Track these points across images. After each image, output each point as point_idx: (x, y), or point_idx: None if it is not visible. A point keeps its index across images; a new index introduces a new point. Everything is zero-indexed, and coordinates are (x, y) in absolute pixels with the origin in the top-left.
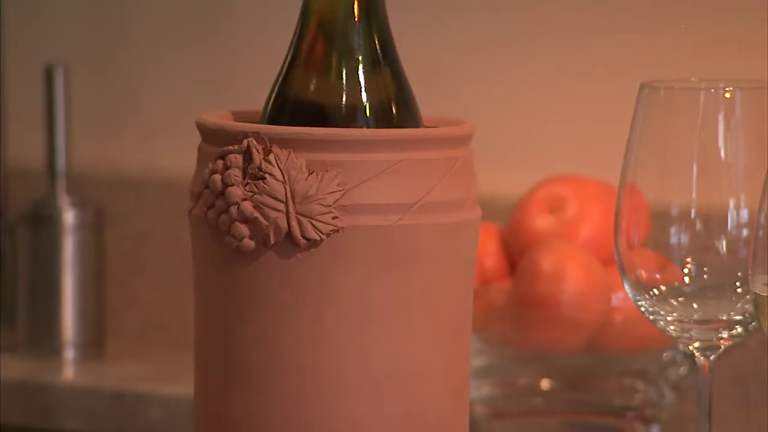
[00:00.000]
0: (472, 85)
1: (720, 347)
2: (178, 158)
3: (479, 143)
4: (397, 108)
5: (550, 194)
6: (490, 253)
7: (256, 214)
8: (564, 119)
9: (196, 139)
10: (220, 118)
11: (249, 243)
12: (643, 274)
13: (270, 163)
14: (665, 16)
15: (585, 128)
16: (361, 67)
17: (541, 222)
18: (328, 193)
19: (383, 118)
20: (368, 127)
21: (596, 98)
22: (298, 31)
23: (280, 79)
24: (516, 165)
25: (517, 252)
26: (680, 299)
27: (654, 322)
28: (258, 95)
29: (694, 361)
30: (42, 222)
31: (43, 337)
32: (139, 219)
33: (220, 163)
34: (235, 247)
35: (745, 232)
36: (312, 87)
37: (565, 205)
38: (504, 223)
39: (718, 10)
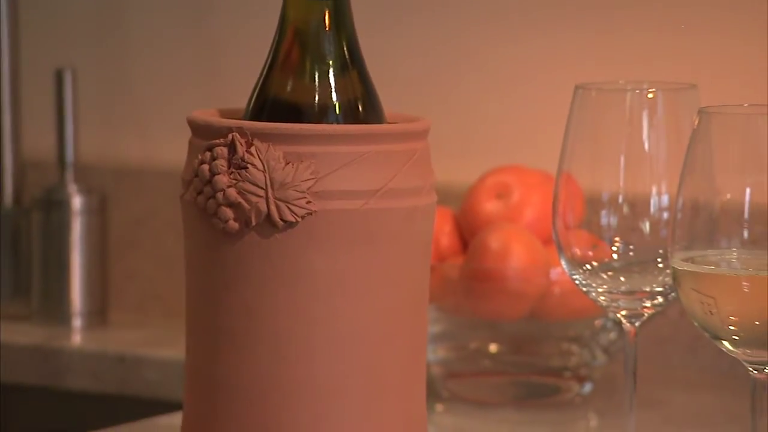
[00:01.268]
0: (429, 85)
1: (644, 315)
2: (173, 150)
3: (435, 137)
4: (363, 106)
5: (497, 182)
6: (445, 234)
7: (240, 199)
8: (509, 116)
9: (188, 133)
10: (207, 115)
11: (233, 225)
12: (578, 251)
13: (252, 154)
14: (599, 23)
15: (527, 124)
16: (331, 70)
17: (490, 206)
18: (302, 181)
19: (351, 115)
20: (338, 123)
21: (537, 98)
22: (276, 39)
23: (261, 81)
24: (467, 156)
25: (468, 232)
26: (609, 273)
27: (587, 293)
28: (242, 94)
29: (621, 327)
30: (53, 207)
31: (54, 307)
32: (138, 204)
33: (207, 154)
34: (221, 228)
35: (665, 215)
36: (288, 87)
37: (510, 192)
38: (457, 207)
39: (648, 18)
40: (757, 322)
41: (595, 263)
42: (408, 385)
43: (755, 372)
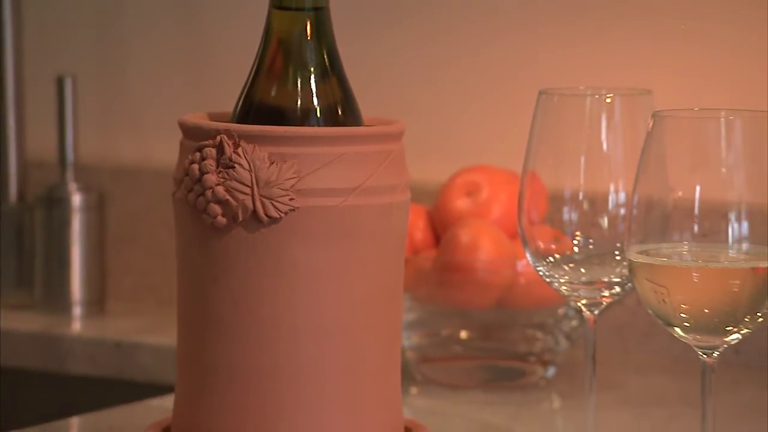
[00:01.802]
0: (404, 91)
1: (602, 304)
2: (166, 151)
3: (410, 139)
4: (342, 110)
5: (467, 181)
6: (419, 228)
7: (227, 196)
8: (478, 119)
9: (180, 135)
10: (197, 118)
11: (221, 220)
12: (541, 245)
13: (238, 155)
14: (561, 34)
15: (495, 127)
16: (312, 76)
17: (460, 203)
18: (286, 179)
19: (331, 118)
20: (319, 126)
21: (504, 102)
22: (261, 48)
23: (247, 86)
24: (439, 157)
25: (440, 227)
26: (571, 265)
27: (550, 283)
28: (230, 98)
29: (582, 315)
30: (54, 204)
31: (55, 297)
32: (134, 201)
33: (197, 155)
34: (210, 223)
35: (622, 211)
36: (273, 93)
37: (479, 190)
38: (430, 204)
39: (606, 28)
40: (706, 310)
41: (557, 256)
42: (384, 369)
43: (705, 356)
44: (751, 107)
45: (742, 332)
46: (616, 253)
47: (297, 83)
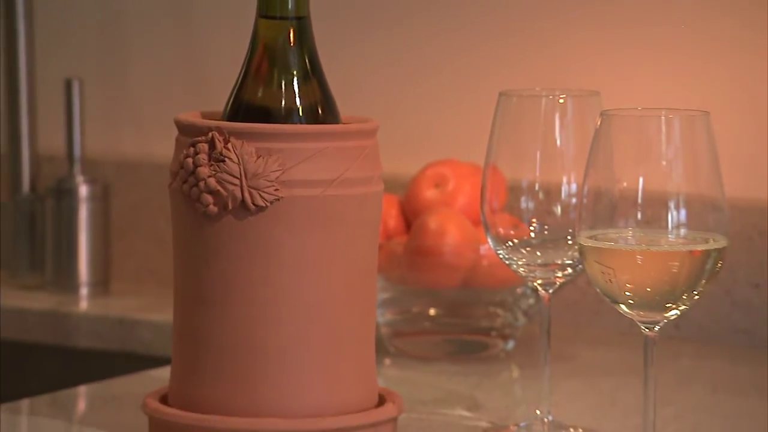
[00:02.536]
0: (378, 92)
1: (556, 283)
2: (164, 147)
3: (383, 136)
4: (322, 109)
5: (435, 173)
6: (392, 216)
7: (218, 187)
8: (445, 118)
9: (176, 132)
10: (191, 116)
11: (213, 209)
12: (501, 231)
13: (228, 149)
14: (519, 41)
15: (460, 124)
16: (295, 79)
17: (429, 194)
18: (271, 172)
19: (312, 117)
20: (301, 124)
21: (468, 103)
22: (249, 53)
23: (236, 88)
24: (410, 152)
25: (411, 215)
26: (528, 249)
27: (509, 265)
28: (221, 98)
29: (538, 294)
30: (63, 194)
31: (64, 278)
32: (135, 192)
33: (191, 149)
34: (203, 211)
35: (574, 200)
36: (259, 94)
37: (446, 182)
38: (402, 194)
39: (558, 36)
40: (648, 289)
41: (516, 240)
42: (360, 343)
43: (647, 330)
44: (688, 107)
45: (680, 308)
46: (569, 238)
47: (281, 85)
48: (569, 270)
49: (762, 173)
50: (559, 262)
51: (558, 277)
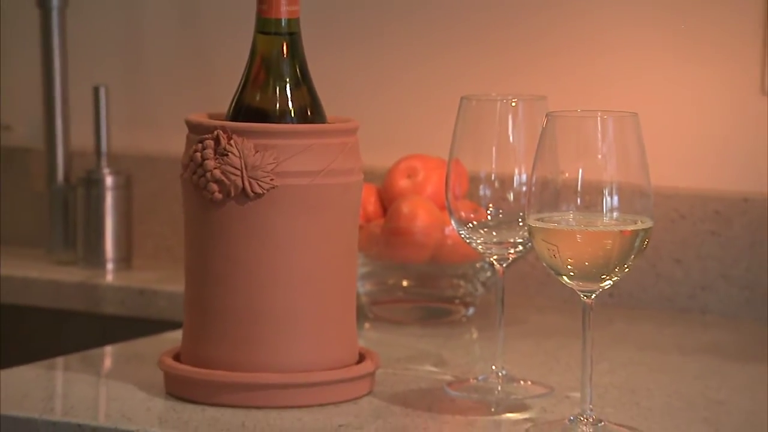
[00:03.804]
0: (358, 96)
1: (509, 259)
2: (178, 143)
3: (363, 133)
4: (311, 111)
5: (408, 166)
6: (370, 202)
7: (222, 177)
8: (416, 119)
9: (187, 130)
10: (200, 117)
11: (218, 196)
12: (463, 214)
13: (231, 145)
14: (478, 50)
15: (429, 124)
16: (288, 86)
17: (402, 183)
18: (267, 164)
19: (302, 118)
20: (293, 123)
21: (435, 106)
22: (248, 63)
23: (238, 93)
24: (386, 147)
25: (387, 201)
26: (485, 230)
27: (470, 244)
28: (226, 102)
29: (494, 268)
30: (92, 184)
31: (93, 255)
32: (153, 182)
33: (199, 145)
34: (209, 198)
35: (524, 188)
36: (258, 98)
37: (417, 173)
38: (379, 183)
39: (512, 49)
40: (586, 263)
41: (475, 223)
42: (344, 310)
43: (585, 298)
44: (621, 109)
45: (613, 279)
46: (520, 220)
47: (276, 91)
48: (520, 247)
49: (684, 164)
50: (512, 240)
51: (511, 253)
